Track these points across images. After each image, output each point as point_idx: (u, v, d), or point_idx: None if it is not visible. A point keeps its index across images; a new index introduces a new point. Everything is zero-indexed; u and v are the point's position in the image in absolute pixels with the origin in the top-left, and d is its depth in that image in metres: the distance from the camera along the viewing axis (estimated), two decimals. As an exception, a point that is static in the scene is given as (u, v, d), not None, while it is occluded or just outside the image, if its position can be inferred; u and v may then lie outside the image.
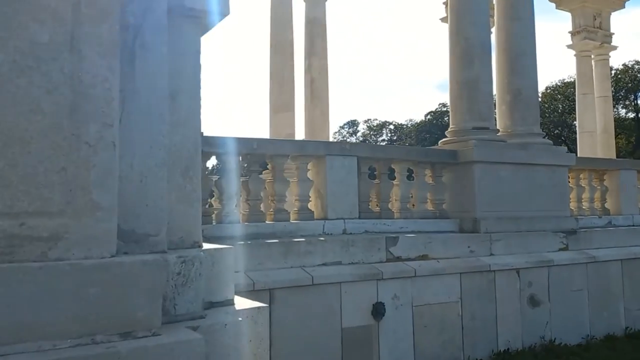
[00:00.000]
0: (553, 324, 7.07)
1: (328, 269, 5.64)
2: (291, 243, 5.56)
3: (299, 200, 6.26)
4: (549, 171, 7.84)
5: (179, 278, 1.88)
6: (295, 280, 5.32)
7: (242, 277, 5.03)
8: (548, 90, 57.30)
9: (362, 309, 5.73)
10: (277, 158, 6.07)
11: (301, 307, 5.32)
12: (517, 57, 8.17)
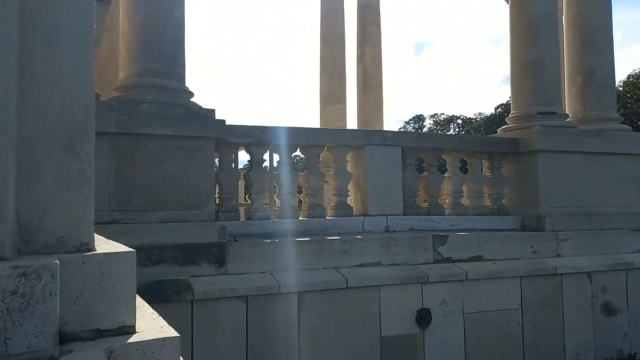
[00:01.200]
0: (633, 336, 6.13)
1: (366, 270, 5.08)
2: (324, 241, 5.04)
3: (337, 194, 5.74)
4: (629, 161, 6.87)
5: (14, 300, 1.30)
6: (327, 282, 4.81)
7: (267, 278, 4.59)
8: (631, 78, 53.33)
9: (405, 316, 5.12)
10: (310, 149, 5.57)
11: (334, 312, 4.80)
12: (589, 33, 7.21)
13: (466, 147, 6.59)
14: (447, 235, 5.65)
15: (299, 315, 4.64)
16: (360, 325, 4.91)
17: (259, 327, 4.46)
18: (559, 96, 6.88)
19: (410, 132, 6.96)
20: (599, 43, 7.17)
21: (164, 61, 4.72)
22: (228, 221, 4.94)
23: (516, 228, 6.43)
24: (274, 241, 4.85)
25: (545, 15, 6.68)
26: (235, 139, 5.07)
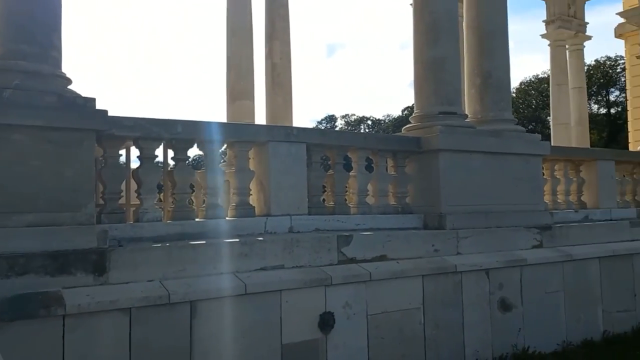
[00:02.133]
0: (526, 330, 6.35)
1: (266, 274, 4.79)
2: (222, 245, 4.69)
3: (238, 194, 5.40)
4: (522, 161, 7.13)
5: None
6: (224, 289, 4.46)
7: (156, 287, 4.16)
8: (522, 85, 57.45)
9: (307, 321, 4.90)
10: (209, 144, 5.19)
11: (231, 321, 4.47)
12: (487, 37, 7.43)
13: (371, 145, 6.51)
14: (352, 235, 5.51)
15: (192, 327, 4.26)
16: (259, 333, 4.61)
17: (145, 342, 4.02)
18: (459, 96, 7.00)
19: (315, 129, 6.84)
20: (496, 46, 7.41)
21: (35, 43, 4.14)
22: (112, 224, 4.44)
23: (419, 227, 6.44)
24: (165, 245, 4.42)
25: (446, 16, 6.77)
26: (121, 132, 4.57)
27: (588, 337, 6.85)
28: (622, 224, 8.12)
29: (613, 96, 53.25)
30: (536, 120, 52.63)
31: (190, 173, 5.12)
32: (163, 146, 5.15)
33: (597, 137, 53.08)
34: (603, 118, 54.87)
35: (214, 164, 5.25)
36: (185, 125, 4.92)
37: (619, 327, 7.27)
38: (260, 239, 4.95)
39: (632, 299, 7.62)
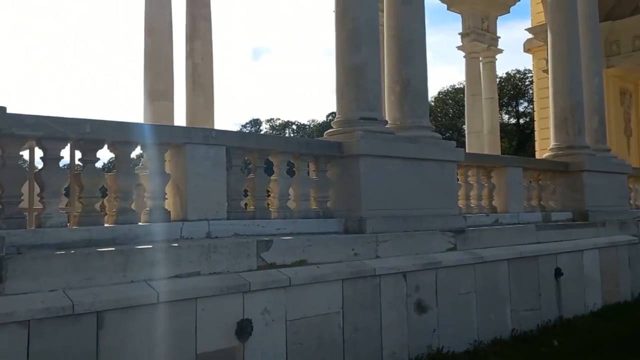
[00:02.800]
0: (441, 331, 6.56)
1: (181, 281, 4.61)
2: (133, 251, 4.45)
3: (152, 198, 5.16)
4: (438, 166, 7.38)
5: None
6: (135, 298, 4.23)
7: (58, 298, 3.87)
8: (440, 94, 60.05)
9: (224, 329, 4.76)
10: (120, 145, 4.92)
11: (142, 332, 4.24)
12: (406, 45, 7.63)
13: (293, 149, 6.47)
14: (272, 240, 5.43)
15: (99, 338, 4.00)
16: (173, 343, 4.42)
17: (46, 356, 3.72)
18: (379, 103, 7.13)
19: (235, 132, 6.66)
20: (414, 55, 7.62)
21: None
22: (10, 230, 4.09)
23: (340, 231, 6.48)
24: (70, 253, 4.13)
25: (367, 24, 6.88)
26: (21, 131, 4.23)
27: (498, 336, 7.18)
28: (528, 227, 8.61)
29: (522, 107, 56.94)
30: (453, 128, 55.13)
31: (99, 175, 4.82)
32: (70, 147, 4.82)
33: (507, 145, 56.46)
34: (513, 127, 58.44)
35: (126, 166, 4.99)
36: (94, 124, 4.63)
37: (526, 325, 7.69)
38: (175, 245, 4.75)
39: (538, 299, 8.09)
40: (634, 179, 12.22)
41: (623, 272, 10.02)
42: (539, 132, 22.92)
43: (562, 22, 10.63)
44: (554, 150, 10.72)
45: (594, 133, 11.33)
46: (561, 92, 10.67)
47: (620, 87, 23.35)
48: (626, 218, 10.87)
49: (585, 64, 11.15)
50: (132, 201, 5.10)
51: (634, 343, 7.22)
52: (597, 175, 10.32)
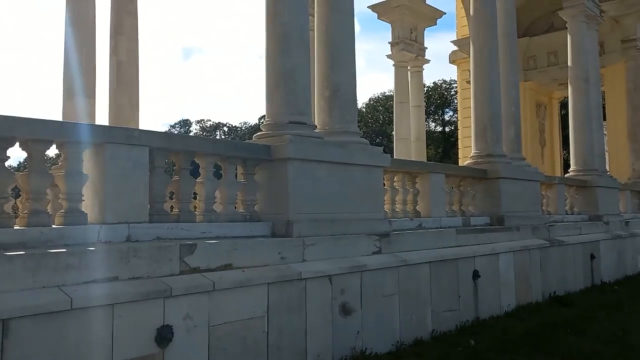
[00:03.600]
0: (364, 333, 6.68)
1: (98, 287, 4.41)
2: (45, 255, 4.21)
3: (68, 199, 4.91)
4: (366, 172, 7.52)
5: None
6: (45, 304, 4.00)
7: (-42, 305, 3.58)
8: (371, 101, 61.43)
9: (143, 336, 4.60)
10: (33, 144, 4.65)
11: (53, 341, 4.02)
12: (336, 51, 7.74)
13: (220, 151, 6.38)
14: (196, 244, 5.31)
15: (3, 348, 3.74)
16: (87, 352, 4.21)
17: (-60, 370, 3.44)
18: (309, 107, 7.18)
19: (160, 132, 6.45)
20: (344, 61, 7.75)
21: None
22: None
23: (267, 234, 6.45)
24: (-28, 257, 3.84)
25: (297, 28, 6.92)
26: None
27: (419, 336, 7.42)
28: (449, 231, 8.96)
29: (448, 116, 59.39)
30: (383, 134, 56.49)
31: (7, 175, 4.53)
32: (-24, 144, 4.49)
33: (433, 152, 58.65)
34: (439, 135, 60.76)
35: (39, 166, 4.72)
36: (4, 121, 4.34)
37: (445, 325, 7.99)
38: (92, 249, 4.54)
39: (457, 300, 8.43)
40: (545, 186, 13.02)
41: (535, 274, 10.65)
42: (462, 140, 23.98)
43: (483, 36, 11.18)
44: (474, 158, 11.24)
45: (510, 142, 11.98)
46: (482, 102, 11.21)
47: (536, 100, 24.89)
48: (538, 223, 11.56)
49: (504, 77, 11.79)
50: (46, 202, 4.83)
51: (543, 339, 7.71)
52: (512, 182, 10.92)
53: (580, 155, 15.28)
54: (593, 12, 15.59)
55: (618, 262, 14.46)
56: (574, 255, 12.29)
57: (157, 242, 5.17)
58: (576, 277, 12.27)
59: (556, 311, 9.73)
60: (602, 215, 14.47)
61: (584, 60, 15.37)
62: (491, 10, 11.26)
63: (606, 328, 9.00)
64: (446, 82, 58.11)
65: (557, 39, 19.32)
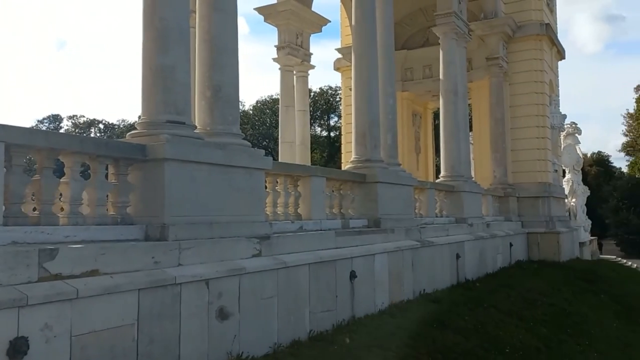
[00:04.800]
0: (242, 337, 6.64)
1: (-64, 298, 3.91)
2: None
3: None
4: (247, 174, 7.49)
5: None
6: None
7: None
8: (258, 104, 61.46)
9: (-8, 350, 4.17)
10: None
11: None
12: (218, 51, 7.63)
13: (89, 150, 5.98)
14: (58, 249, 4.93)
15: None
16: None
17: None
18: (188, 107, 7.00)
19: (19, 127, 5.83)
20: (227, 62, 7.66)
21: None
22: None
23: (140, 238, 6.17)
24: None
25: (177, 24, 6.72)
26: None
27: (296, 337, 7.52)
28: (329, 234, 9.21)
29: (333, 121, 61.22)
30: (269, 137, 56.68)
31: None
32: None
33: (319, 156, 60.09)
34: (325, 139, 62.36)
35: None
36: None
37: (322, 325, 8.19)
38: None
39: (334, 300, 8.69)
40: (418, 190, 13.90)
41: (407, 274, 11.30)
42: (344, 146, 24.81)
43: (364, 47, 11.69)
44: (354, 163, 11.68)
45: (388, 149, 12.64)
46: (361, 110, 11.70)
47: (412, 110, 26.51)
48: (411, 225, 12.29)
49: (382, 86, 12.40)
50: None
51: (411, 334, 8.21)
52: (389, 186, 11.51)
53: (449, 162, 16.53)
54: (462, 31, 16.97)
55: (480, 261, 15.83)
56: (442, 255, 13.24)
57: (12, 247, 4.72)
58: (444, 276, 13.23)
59: (425, 308, 10.41)
60: (467, 218, 15.75)
61: (453, 75, 16.67)
62: (371, 22, 11.80)
63: (467, 322, 9.83)
64: (332, 89, 59.84)
65: (431, 53, 20.71)
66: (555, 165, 23.33)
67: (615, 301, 16.18)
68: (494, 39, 20.61)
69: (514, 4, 21.53)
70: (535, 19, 21.43)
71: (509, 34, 20.82)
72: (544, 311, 12.22)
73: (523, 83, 21.30)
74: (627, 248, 55.33)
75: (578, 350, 10.61)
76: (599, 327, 12.62)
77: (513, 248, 18.90)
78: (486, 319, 10.34)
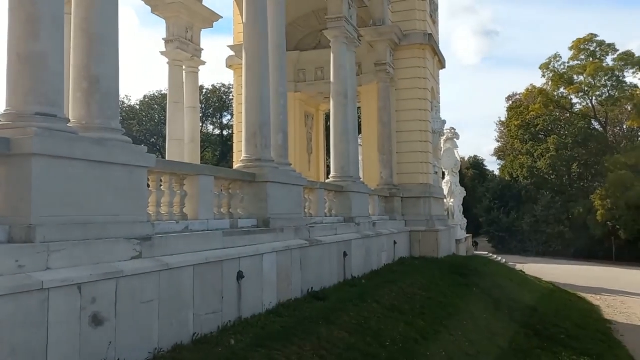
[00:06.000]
0: (119, 343, 6.28)
1: None
2: None
3: None
4: (127, 172, 7.12)
5: None
6: None
7: None
8: (146, 99, 58.80)
9: None
10: None
11: None
12: (97, 41, 7.17)
13: (-61, 142, 5.34)
14: None
15: None
16: None
17: None
18: (61, 98, 6.50)
19: None
20: (106, 53, 7.23)
21: None
22: None
23: (3, 240, 5.62)
24: None
25: (49, 9, 6.22)
26: None
27: (179, 341, 7.28)
28: (216, 234, 9.03)
29: (226, 119, 60.31)
30: (158, 135, 54.51)
31: None
32: None
33: (211, 155, 58.87)
34: (217, 138, 61.24)
35: None
36: None
37: (208, 327, 8.01)
38: None
39: (220, 301, 8.54)
40: (308, 190, 14.12)
41: (295, 273, 11.43)
42: (237, 145, 24.54)
43: (255, 45, 11.63)
44: (244, 162, 11.58)
45: (278, 148, 12.69)
46: (252, 109, 11.63)
47: (305, 111, 26.93)
48: (301, 225, 12.44)
49: (273, 86, 12.44)
50: None
51: (297, 332, 8.31)
52: (279, 186, 11.56)
53: (338, 163, 17.00)
54: (352, 36, 17.53)
55: (366, 258, 16.45)
56: (330, 253, 13.56)
57: None
58: (331, 274, 13.56)
59: (312, 305, 10.59)
60: (355, 217, 16.29)
61: (344, 78, 17.16)
62: (262, 21, 11.78)
63: (352, 317, 10.17)
64: (225, 86, 58.92)
65: (323, 56, 21.19)
66: (435, 167, 24.94)
67: (485, 293, 17.65)
68: (382, 46, 21.53)
69: (400, 13, 22.67)
70: (420, 29, 22.74)
71: (395, 42, 21.87)
72: (422, 304, 12.99)
73: (408, 89, 22.51)
74: (497, 245, 60.73)
75: (451, 340, 11.42)
76: (470, 318, 13.68)
77: (397, 246, 19.87)
78: (370, 314, 10.76)
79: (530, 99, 62.99)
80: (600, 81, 57.06)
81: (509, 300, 17.73)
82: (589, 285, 31.01)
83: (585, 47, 58.12)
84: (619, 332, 19.18)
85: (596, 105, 59.67)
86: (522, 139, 63.30)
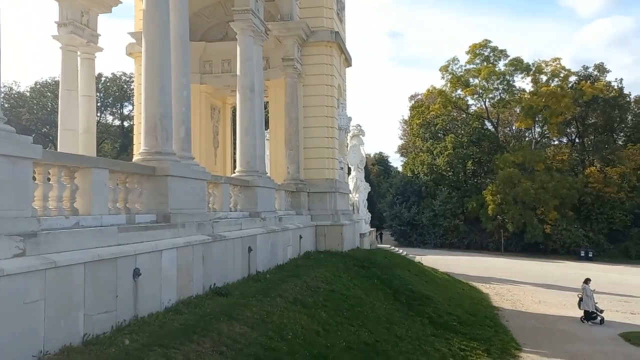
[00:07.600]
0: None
1: None
2: None
3: None
4: (9, 163, 6.57)
5: None
6: None
7: None
8: (37, 85, 54.53)
9: None
10: None
11: None
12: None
13: None
14: None
15: None
16: None
17: None
18: None
19: None
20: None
21: None
22: None
23: None
24: None
25: None
26: None
27: (68, 343, 6.85)
28: (110, 230, 8.59)
29: (127, 110, 57.47)
30: (51, 124, 50.90)
31: None
32: None
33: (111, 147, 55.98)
34: (117, 129, 58.25)
35: None
36: None
37: (100, 328, 7.61)
38: None
39: (115, 300, 8.14)
40: (213, 185, 13.84)
41: (197, 269, 11.17)
42: (136, 137, 23.51)
43: (156, 33, 11.18)
44: (143, 155, 11.11)
45: (181, 142, 12.31)
46: (153, 100, 11.18)
47: (211, 103, 26.34)
48: (204, 220, 12.18)
49: (176, 77, 12.02)
50: None
51: (197, 329, 8.13)
52: (180, 180, 11.21)
53: (244, 158, 16.84)
54: (259, 29, 17.39)
55: (271, 253, 16.46)
56: (234, 249, 13.40)
57: None
58: (235, 269, 13.42)
59: (214, 302, 10.42)
60: (260, 212, 16.23)
61: (250, 72, 17.00)
62: (164, 8, 11.35)
63: (255, 312, 10.14)
64: (126, 75, 56.20)
65: (230, 48, 20.81)
66: (341, 163, 25.50)
67: (385, 284, 18.37)
68: (289, 41, 21.59)
69: (308, 9, 22.86)
70: (327, 26, 23.07)
71: (303, 38, 22.02)
72: (325, 297, 13.26)
73: (315, 85, 22.78)
74: (399, 238, 63.50)
75: (352, 330, 11.76)
76: (370, 309, 14.18)
77: (303, 240, 20.10)
78: (273, 308, 10.78)
79: (430, 99, 66.40)
80: (492, 84, 61.44)
81: (407, 291, 18.58)
82: (480, 275, 33.37)
83: (480, 51, 62.27)
84: (505, 317, 20.82)
85: (489, 107, 64.18)
86: (423, 137, 66.56)
